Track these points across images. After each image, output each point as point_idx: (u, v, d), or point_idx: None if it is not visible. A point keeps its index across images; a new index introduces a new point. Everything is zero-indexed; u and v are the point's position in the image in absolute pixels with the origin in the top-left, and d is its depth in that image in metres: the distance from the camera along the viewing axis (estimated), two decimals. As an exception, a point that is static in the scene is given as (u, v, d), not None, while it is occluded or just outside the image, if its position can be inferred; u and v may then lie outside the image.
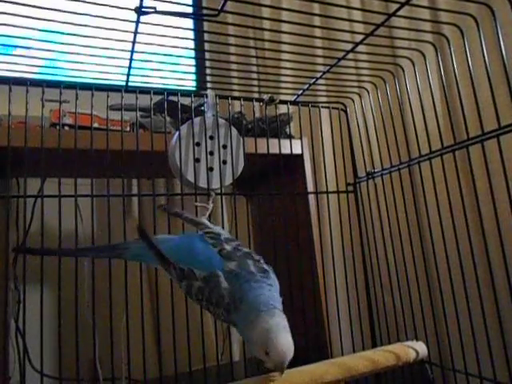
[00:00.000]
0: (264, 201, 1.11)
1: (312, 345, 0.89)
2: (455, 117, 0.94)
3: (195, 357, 0.78)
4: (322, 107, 1.05)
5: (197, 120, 0.87)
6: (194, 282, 0.59)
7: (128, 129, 0.98)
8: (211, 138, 0.89)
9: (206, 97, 0.92)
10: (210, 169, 0.87)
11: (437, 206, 0.80)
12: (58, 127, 0.84)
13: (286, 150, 0.99)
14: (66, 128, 0.90)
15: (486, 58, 0.68)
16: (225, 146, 0.90)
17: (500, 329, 0.67)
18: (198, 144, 0.87)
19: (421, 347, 0.74)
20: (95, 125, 0.90)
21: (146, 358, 0.76)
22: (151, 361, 1.24)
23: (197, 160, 0.86)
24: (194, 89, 1.07)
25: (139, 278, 0.86)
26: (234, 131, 0.91)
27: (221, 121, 0.90)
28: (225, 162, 0.89)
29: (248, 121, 1.08)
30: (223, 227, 0.97)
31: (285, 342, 0.53)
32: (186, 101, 0.94)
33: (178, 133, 0.85)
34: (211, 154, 0.88)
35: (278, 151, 0.94)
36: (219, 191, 0.87)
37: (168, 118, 0.99)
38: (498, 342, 0.68)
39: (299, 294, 0.86)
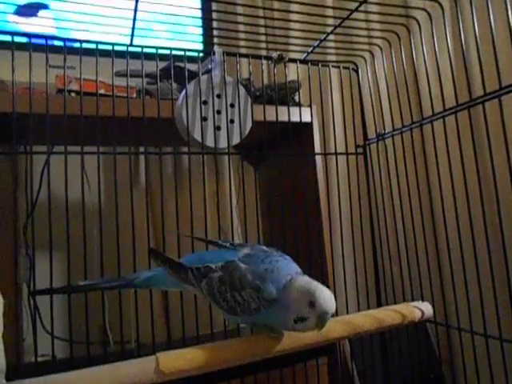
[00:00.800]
0: (272, 169, 1.10)
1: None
2: (470, 75, 0.89)
3: (202, 322, 0.80)
4: (333, 67, 1.01)
5: (204, 78, 0.85)
6: (213, 274, 0.58)
7: (134, 95, 0.96)
8: (218, 96, 0.87)
9: (213, 54, 0.89)
10: (218, 128, 0.86)
11: (449, 167, 0.78)
12: (63, 93, 0.83)
13: (294, 118, 0.96)
14: (73, 94, 0.88)
15: (510, 7, 0.64)
16: (232, 105, 0.88)
17: (508, 287, 0.66)
18: (205, 102, 0.85)
19: (426, 307, 0.74)
20: (101, 91, 0.88)
21: (155, 323, 0.77)
22: (159, 325, 1.26)
23: (204, 119, 0.85)
24: (201, 49, 1.04)
25: (147, 243, 0.86)
26: (242, 90, 0.89)
27: (228, 79, 0.87)
28: (232, 121, 0.88)
29: (256, 88, 1.05)
30: (230, 195, 0.97)
31: (328, 293, 0.54)
32: (193, 67, 0.91)
33: (184, 91, 0.83)
34: (218, 112, 0.87)
35: (285, 119, 0.92)
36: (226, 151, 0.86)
37: (175, 85, 0.97)
38: (505, 300, 0.67)
39: (306, 258, 0.86)
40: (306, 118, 1.02)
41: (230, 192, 1.20)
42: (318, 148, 1.06)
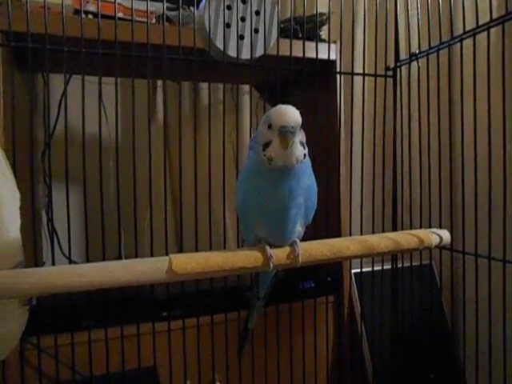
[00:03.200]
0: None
1: (332, 229, 0.89)
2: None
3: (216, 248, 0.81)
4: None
5: (229, -21, 0.79)
6: None
7: (154, 21, 0.92)
8: (243, 1, 0.81)
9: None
10: (241, 37, 0.81)
11: (488, 89, 0.72)
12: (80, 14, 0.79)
13: (319, 55, 0.90)
14: (90, 16, 0.84)
15: None
16: (258, 13, 0.82)
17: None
18: (229, 7, 0.80)
19: (445, 234, 0.73)
20: (119, 14, 0.84)
21: (169, 252, 0.78)
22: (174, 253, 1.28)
23: (227, 25, 0.79)
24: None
25: (163, 176, 0.85)
26: (269, -4, 0.82)
27: (255, -20, 0.81)
28: (257, 31, 0.82)
29: (281, 20, 0.98)
30: (251, 119, 0.93)
31: (284, 107, 0.49)
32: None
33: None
34: (243, 20, 0.81)
35: (307, 55, 0.86)
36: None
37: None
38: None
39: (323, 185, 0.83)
40: (332, 56, 0.95)
41: (250, 115, 1.16)
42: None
